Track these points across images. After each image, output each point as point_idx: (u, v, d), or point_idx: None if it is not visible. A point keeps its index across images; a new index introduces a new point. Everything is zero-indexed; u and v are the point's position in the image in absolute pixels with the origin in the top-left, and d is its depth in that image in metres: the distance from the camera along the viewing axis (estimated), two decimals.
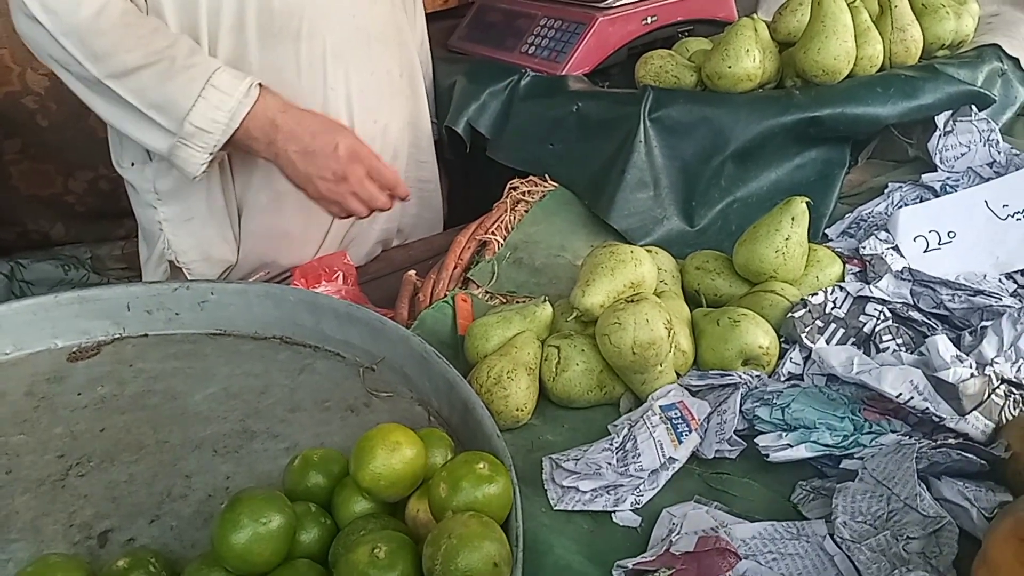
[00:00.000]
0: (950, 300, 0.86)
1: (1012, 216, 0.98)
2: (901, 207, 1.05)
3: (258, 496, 0.55)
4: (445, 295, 0.98)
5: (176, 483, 0.69)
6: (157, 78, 0.98)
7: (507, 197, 1.19)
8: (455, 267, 1.07)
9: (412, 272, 1.06)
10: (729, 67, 1.10)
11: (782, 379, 0.80)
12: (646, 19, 1.30)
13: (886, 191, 1.12)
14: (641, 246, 0.97)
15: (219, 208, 1.18)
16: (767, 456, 0.70)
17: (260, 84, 1.02)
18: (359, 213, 1.10)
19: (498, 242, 1.10)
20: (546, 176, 1.20)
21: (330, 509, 0.62)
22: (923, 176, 1.13)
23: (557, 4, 1.35)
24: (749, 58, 1.10)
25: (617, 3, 1.28)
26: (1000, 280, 0.93)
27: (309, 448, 0.67)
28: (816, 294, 0.85)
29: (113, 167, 1.21)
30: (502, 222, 1.15)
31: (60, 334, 0.85)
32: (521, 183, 1.21)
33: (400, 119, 1.28)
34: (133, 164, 1.16)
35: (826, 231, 1.07)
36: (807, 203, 0.89)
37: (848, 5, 1.10)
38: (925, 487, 0.63)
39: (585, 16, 1.28)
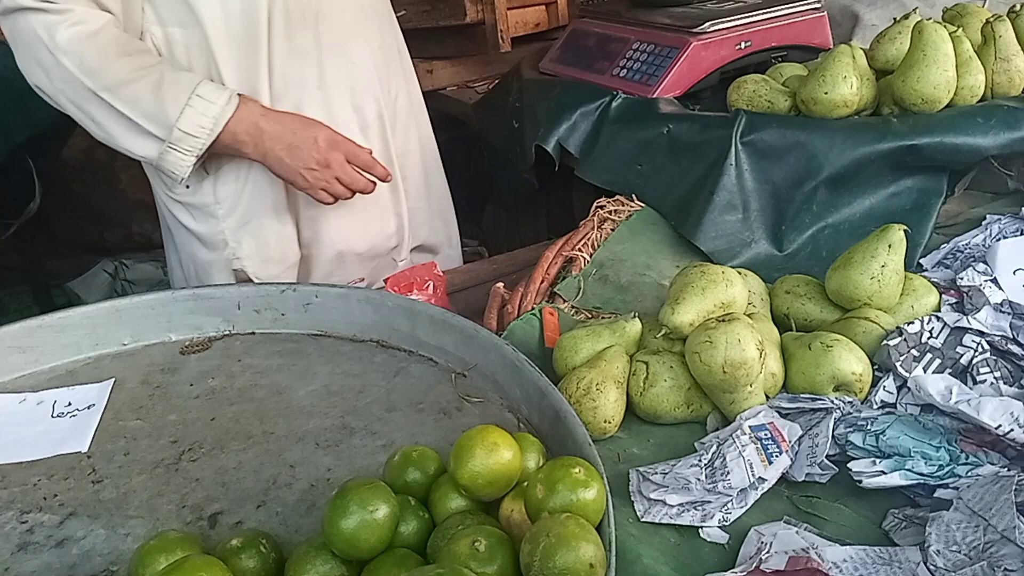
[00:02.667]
0: None
1: None
2: (1000, 239, 1.03)
3: (366, 486, 0.58)
4: (533, 308, 1.00)
5: (281, 472, 0.73)
6: (149, 89, 1.08)
7: (594, 215, 1.21)
8: (542, 281, 1.09)
9: (500, 284, 1.09)
10: (826, 93, 1.10)
11: (875, 407, 0.79)
12: (740, 44, 1.31)
13: (984, 223, 1.10)
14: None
15: (280, 204, 1.25)
16: (860, 482, 0.69)
17: (240, 94, 1.13)
18: (343, 195, 1.21)
19: (584, 258, 1.12)
20: (633, 196, 1.22)
21: (427, 504, 0.65)
22: (1023, 209, 1.10)
23: (650, 29, 1.37)
24: (846, 84, 1.10)
25: (711, 28, 1.29)
26: None
27: (406, 446, 0.70)
28: (912, 323, 0.84)
29: None
30: (588, 239, 1.17)
31: (175, 328, 0.91)
32: (608, 202, 1.23)
33: (405, 88, 1.39)
34: (188, 187, 1.23)
35: (921, 261, 1.05)
36: (904, 231, 0.88)
37: (950, 34, 1.08)
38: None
39: (679, 41, 1.30)
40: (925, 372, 0.80)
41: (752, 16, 1.32)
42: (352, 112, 1.27)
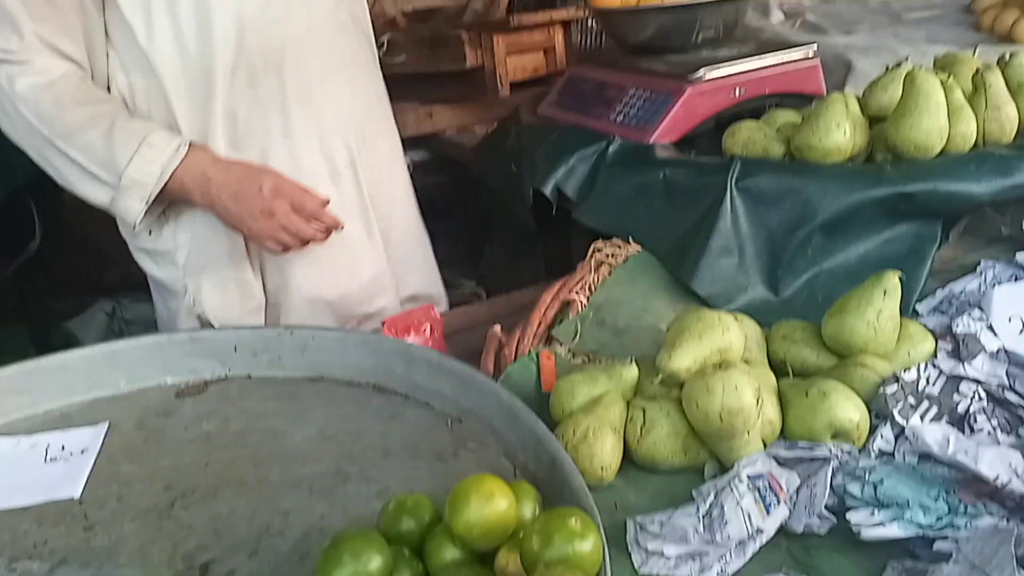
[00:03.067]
0: None
1: None
2: (995, 286, 1.03)
3: (359, 536, 0.58)
4: (529, 351, 1.00)
5: (274, 519, 0.72)
6: (100, 137, 1.11)
7: (591, 258, 1.22)
8: (539, 324, 1.09)
9: (497, 327, 1.09)
10: (819, 140, 1.12)
11: (873, 455, 0.79)
12: (734, 91, 1.33)
13: (979, 269, 1.11)
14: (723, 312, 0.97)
15: (238, 249, 1.25)
16: (858, 533, 0.69)
17: (191, 143, 1.15)
18: (291, 245, 1.20)
19: (581, 302, 1.13)
20: (630, 239, 1.23)
21: (421, 554, 0.64)
22: (1018, 255, 1.11)
23: (646, 75, 1.39)
24: (839, 131, 1.11)
25: (707, 76, 1.31)
26: None
27: (401, 493, 0.70)
28: (908, 370, 0.85)
29: None
30: (586, 282, 1.17)
31: (171, 371, 0.91)
32: (605, 245, 1.24)
33: (387, 138, 1.39)
34: (151, 233, 1.24)
35: (917, 307, 1.06)
36: (899, 277, 0.88)
37: (941, 83, 1.10)
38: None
39: (674, 87, 1.32)
40: (922, 420, 0.80)
41: (746, 64, 1.35)
42: (321, 159, 1.26)
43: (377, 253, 1.36)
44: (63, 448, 0.83)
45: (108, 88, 1.18)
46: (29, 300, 1.69)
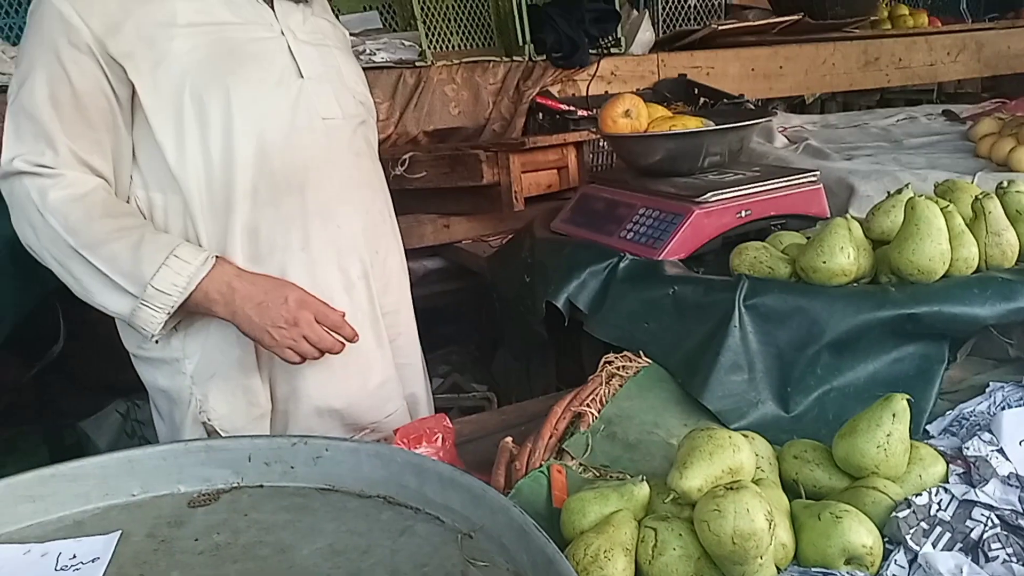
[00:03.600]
0: None
1: None
2: (1004, 408, 1.04)
3: None
4: (541, 465, 1.01)
5: None
6: (127, 248, 1.14)
7: (602, 371, 1.23)
8: (551, 436, 1.10)
9: (509, 439, 1.10)
10: (824, 262, 1.15)
11: None
12: (741, 212, 1.38)
13: (988, 390, 1.11)
14: (736, 429, 0.98)
15: (248, 358, 1.27)
16: None
17: (217, 256, 1.19)
18: (310, 355, 1.23)
19: (593, 414, 1.13)
20: (640, 353, 1.25)
21: None
22: None
23: (656, 196, 1.45)
24: (844, 255, 1.15)
25: (713, 198, 1.36)
26: None
27: None
28: (920, 495, 0.84)
29: None
30: (597, 395, 1.18)
31: (184, 480, 0.91)
32: (616, 358, 1.25)
33: (394, 251, 1.45)
34: (157, 341, 1.25)
35: (928, 427, 1.06)
36: (907, 400, 0.89)
37: (941, 209, 1.15)
38: None
39: (682, 208, 1.37)
40: (935, 547, 0.79)
41: (752, 187, 1.41)
42: (337, 272, 1.31)
43: (386, 361, 1.39)
44: (74, 556, 0.82)
45: (127, 202, 1.23)
46: (46, 401, 1.71)
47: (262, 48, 1.23)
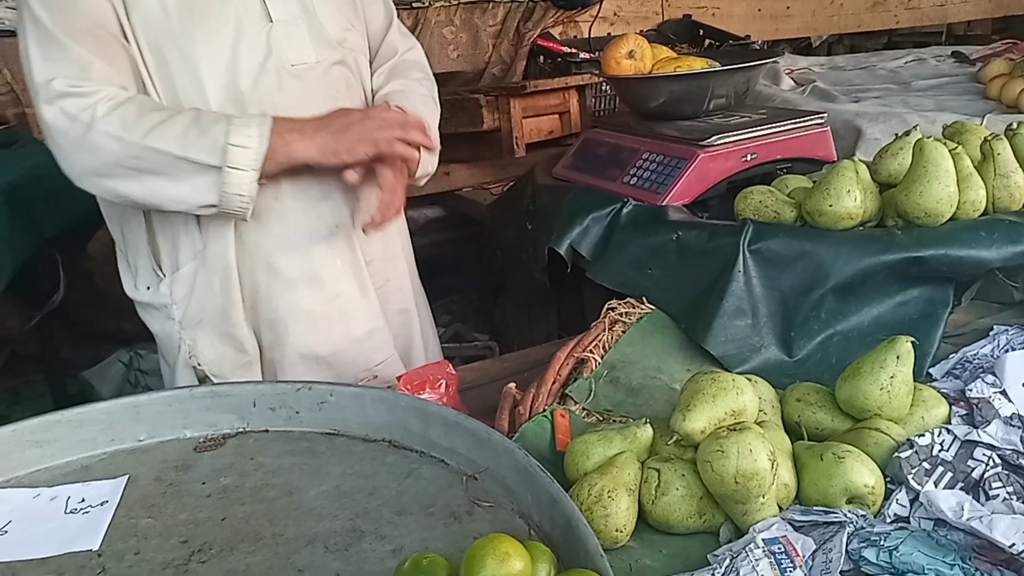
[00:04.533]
0: None
1: None
2: (1008, 351, 1.04)
3: None
4: (544, 409, 1.01)
5: None
6: (189, 123, 1.11)
7: (605, 317, 1.23)
8: (554, 382, 1.10)
9: (512, 385, 1.10)
10: (830, 205, 1.14)
11: (888, 520, 0.78)
12: (746, 156, 1.36)
13: (992, 333, 1.11)
14: (738, 373, 0.98)
15: (232, 305, 1.26)
16: None
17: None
18: (384, 151, 1.18)
19: (596, 360, 1.14)
20: (643, 299, 1.24)
21: None
22: None
23: (660, 140, 1.42)
24: (850, 198, 1.14)
25: (719, 141, 1.34)
26: None
27: (415, 552, 0.70)
28: (923, 435, 0.85)
29: None
30: (600, 341, 1.18)
31: (190, 425, 0.92)
32: (619, 304, 1.25)
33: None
34: (148, 288, 1.26)
35: (931, 370, 1.06)
36: (912, 342, 0.89)
37: (950, 151, 1.13)
38: None
39: (687, 152, 1.35)
40: (937, 486, 0.80)
41: (758, 130, 1.38)
42: (315, 220, 1.28)
43: (372, 310, 1.36)
44: (83, 500, 0.83)
45: None
46: (49, 350, 1.72)
47: None
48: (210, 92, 1.17)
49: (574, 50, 2.14)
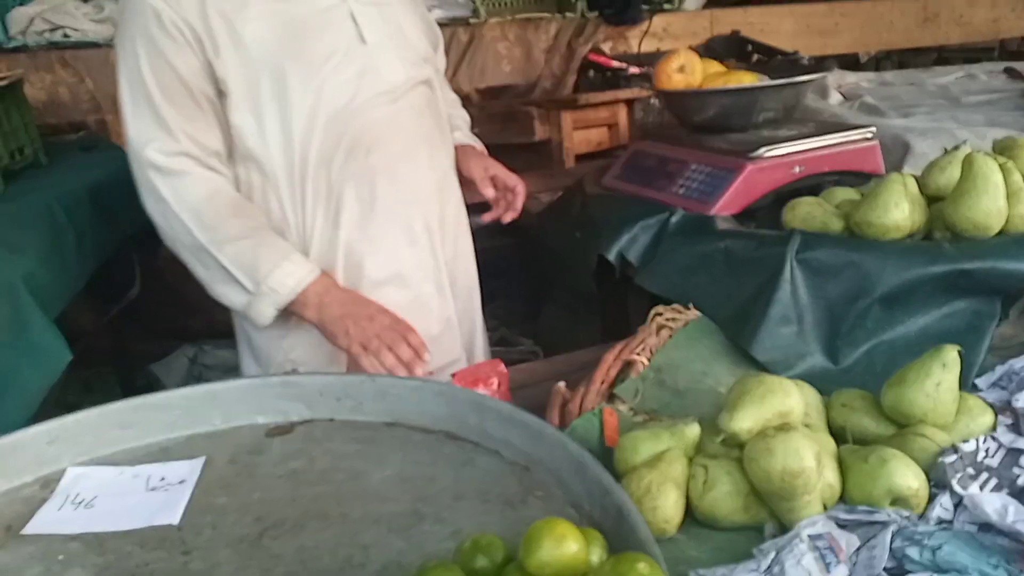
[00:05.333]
0: None
1: None
2: None
3: (442, 568, 0.63)
4: (593, 408, 1.05)
5: (355, 553, 0.77)
6: (249, 249, 1.24)
7: (652, 322, 1.27)
8: (602, 382, 1.14)
9: (562, 384, 1.14)
10: (878, 217, 1.16)
11: (931, 523, 0.80)
12: (794, 168, 1.39)
13: None
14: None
15: None
16: None
17: (322, 270, 1.28)
18: (387, 362, 1.26)
19: (643, 362, 1.17)
20: (690, 305, 1.27)
21: None
22: None
23: (708, 152, 1.46)
24: (899, 210, 1.15)
25: (767, 153, 1.37)
26: None
27: (475, 534, 0.74)
28: (968, 441, 0.86)
29: None
30: (647, 344, 1.22)
31: (263, 412, 0.98)
32: (665, 310, 1.28)
33: (456, 204, 1.49)
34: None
35: (976, 382, 1.07)
36: (958, 351, 0.91)
37: (1000, 166, 1.14)
38: None
39: (735, 164, 1.38)
40: (981, 490, 0.81)
41: (806, 143, 1.41)
42: (402, 227, 1.38)
43: (447, 310, 1.45)
44: (163, 479, 0.89)
45: None
46: (119, 344, 1.81)
47: (326, 20, 1.28)
48: (311, 116, 1.27)
49: (624, 65, 2.19)
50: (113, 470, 0.91)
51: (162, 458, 0.93)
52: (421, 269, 1.38)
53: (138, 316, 1.82)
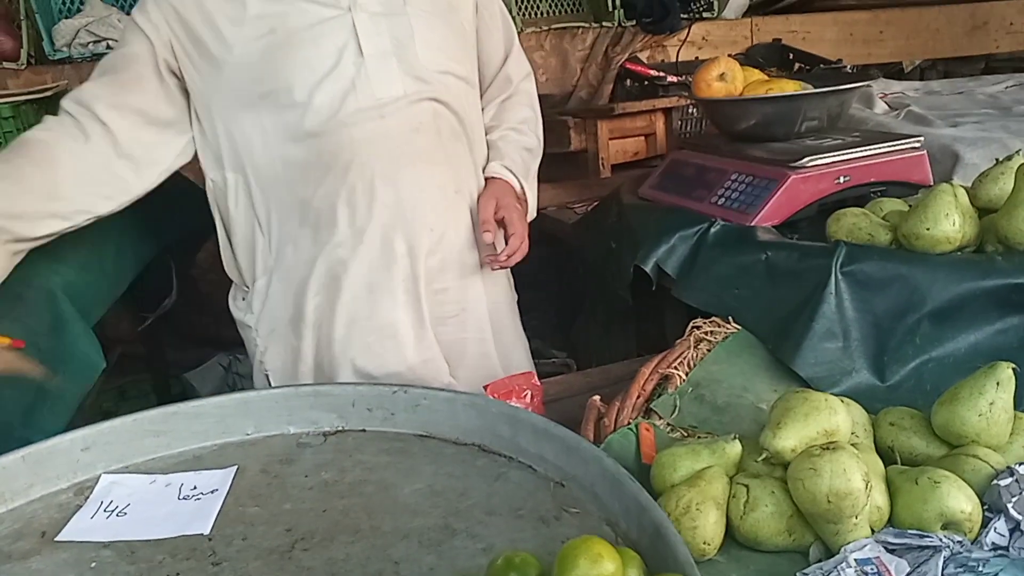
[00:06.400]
0: None
1: None
2: None
3: None
4: (629, 423, 1.03)
5: (386, 568, 0.76)
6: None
7: (690, 335, 1.24)
8: (639, 397, 1.11)
9: (597, 398, 1.12)
10: (928, 229, 1.12)
11: (986, 549, 0.77)
12: (839, 179, 1.35)
13: None
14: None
15: (296, 316, 1.35)
16: None
17: None
18: None
19: (680, 377, 1.14)
20: (729, 318, 1.24)
21: None
22: None
23: (749, 161, 1.42)
24: (948, 222, 1.11)
25: (810, 163, 1.33)
26: None
27: (507, 551, 0.72)
28: (1023, 464, 0.82)
29: None
30: (684, 358, 1.19)
31: (294, 421, 0.97)
32: (704, 323, 1.25)
33: (457, 228, 1.38)
34: (244, 299, 1.38)
35: None
36: (1013, 369, 0.87)
37: None
38: None
39: (777, 173, 1.35)
40: None
41: (851, 152, 1.37)
42: (380, 247, 1.31)
43: (427, 340, 1.36)
44: (195, 488, 0.89)
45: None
46: (154, 351, 1.83)
47: (321, 31, 1.24)
48: (293, 126, 1.26)
49: (662, 73, 2.16)
50: (146, 478, 0.91)
51: (195, 466, 0.93)
52: (395, 296, 1.32)
53: (173, 324, 1.84)
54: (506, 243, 1.36)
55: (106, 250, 1.38)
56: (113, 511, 0.86)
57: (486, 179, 1.44)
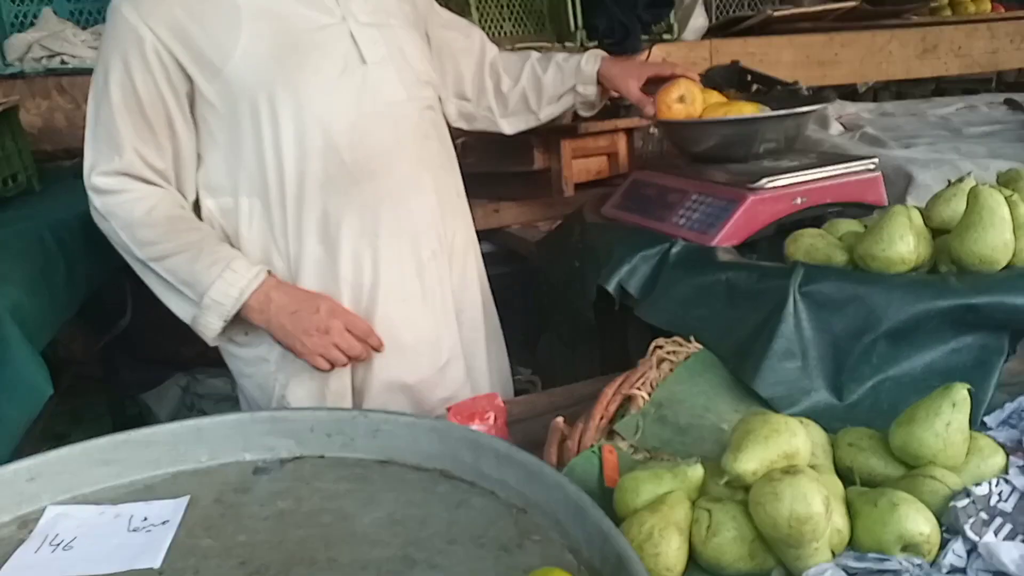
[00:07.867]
0: None
1: None
2: None
3: None
4: (592, 445, 1.02)
5: None
6: (187, 262, 1.24)
7: (652, 355, 1.24)
8: (601, 418, 1.11)
9: (560, 419, 1.11)
10: (883, 250, 1.14)
11: (944, 571, 0.77)
12: (796, 199, 1.37)
13: None
14: (788, 415, 0.98)
15: None
16: None
17: (268, 271, 1.26)
18: (339, 361, 1.28)
19: (643, 397, 1.14)
20: (691, 338, 1.25)
21: None
22: None
23: (709, 182, 1.44)
24: (903, 243, 1.13)
25: (768, 184, 1.35)
26: None
27: None
28: (980, 485, 0.83)
29: None
30: (647, 378, 1.19)
31: (250, 448, 0.95)
32: (666, 342, 1.26)
33: (461, 231, 1.47)
34: (247, 333, 1.35)
35: (985, 419, 1.05)
36: (968, 390, 0.88)
37: (1006, 199, 1.12)
38: None
39: (736, 195, 1.36)
40: (996, 537, 0.78)
41: (808, 174, 1.39)
42: (409, 255, 1.35)
43: (453, 339, 1.43)
44: (146, 519, 0.86)
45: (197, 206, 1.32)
46: (109, 372, 1.78)
47: (324, 37, 1.25)
48: (308, 136, 1.25)
49: None
50: (94, 509, 0.88)
51: (146, 496, 0.90)
52: (428, 298, 1.36)
53: (129, 344, 1.79)
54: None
55: (56, 271, 1.34)
56: (58, 545, 0.83)
57: (598, 73, 1.56)
